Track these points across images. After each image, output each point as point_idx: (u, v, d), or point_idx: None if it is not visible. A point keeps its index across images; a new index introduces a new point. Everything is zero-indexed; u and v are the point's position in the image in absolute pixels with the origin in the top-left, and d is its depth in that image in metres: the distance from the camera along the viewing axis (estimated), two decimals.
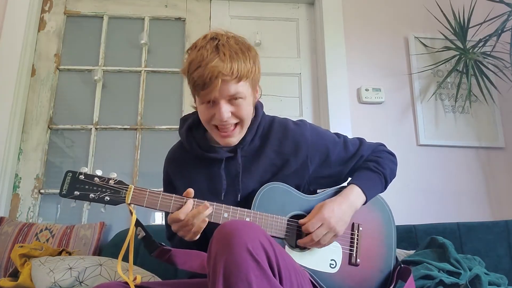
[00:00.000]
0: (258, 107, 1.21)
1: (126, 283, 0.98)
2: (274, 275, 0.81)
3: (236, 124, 1.09)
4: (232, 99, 1.06)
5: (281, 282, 0.83)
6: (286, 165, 1.16)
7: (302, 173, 1.17)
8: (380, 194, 1.25)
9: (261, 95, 1.19)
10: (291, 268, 0.89)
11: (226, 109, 1.05)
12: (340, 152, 1.22)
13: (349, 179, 1.24)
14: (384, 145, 1.31)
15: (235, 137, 1.11)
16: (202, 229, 1.01)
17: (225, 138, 1.10)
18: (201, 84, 1.02)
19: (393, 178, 1.27)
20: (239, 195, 1.13)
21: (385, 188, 1.24)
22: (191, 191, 1.02)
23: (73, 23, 2.36)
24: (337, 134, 1.26)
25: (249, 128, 1.16)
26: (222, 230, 0.83)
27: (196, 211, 0.99)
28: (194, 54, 1.06)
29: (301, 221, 1.09)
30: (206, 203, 1.02)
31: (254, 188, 1.12)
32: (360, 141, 1.27)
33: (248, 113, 1.11)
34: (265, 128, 1.19)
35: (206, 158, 1.15)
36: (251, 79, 1.09)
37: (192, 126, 1.20)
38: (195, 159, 1.17)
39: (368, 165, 1.22)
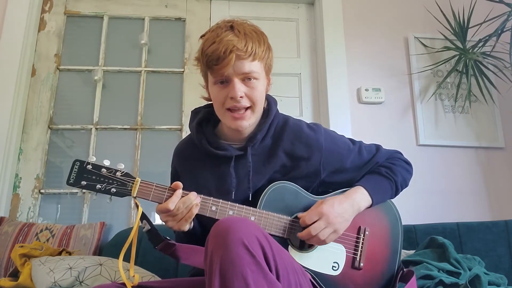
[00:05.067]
0: (271, 103, 1.18)
1: (124, 284, 0.98)
2: (271, 271, 0.81)
3: (247, 108, 1.08)
4: (246, 78, 1.06)
5: (278, 279, 0.82)
6: (297, 168, 1.14)
7: (313, 178, 1.16)
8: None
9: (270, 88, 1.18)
10: (289, 266, 0.88)
11: (239, 87, 1.05)
12: (354, 160, 1.20)
13: None
14: (401, 153, 1.29)
15: (247, 121, 1.09)
16: (193, 217, 1.01)
17: (237, 120, 1.08)
18: (215, 58, 1.03)
19: (405, 187, 1.25)
20: (250, 194, 1.12)
21: (395, 195, 1.22)
22: (179, 183, 1.02)
23: (73, 23, 2.36)
24: (352, 140, 1.24)
25: (261, 125, 1.14)
26: (218, 226, 0.83)
27: (187, 198, 1.00)
28: (209, 35, 1.08)
29: (299, 214, 1.08)
30: (193, 192, 1.02)
31: (262, 188, 1.11)
32: (377, 148, 1.25)
33: (261, 96, 1.10)
34: (278, 128, 1.17)
35: (215, 156, 1.13)
36: (265, 63, 1.11)
37: (202, 121, 1.18)
38: (204, 156, 1.15)
39: (380, 170, 1.20)
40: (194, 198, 1.01)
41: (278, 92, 2.33)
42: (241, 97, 1.05)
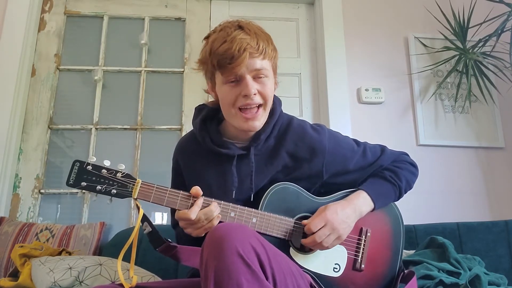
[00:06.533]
0: (276, 103, 1.18)
1: (122, 285, 0.97)
2: (267, 278, 0.80)
3: (259, 107, 1.08)
4: (257, 76, 1.06)
5: (275, 285, 0.82)
6: (299, 169, 1.14)
7: (315, 179, 1.16)
8: None
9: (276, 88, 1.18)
10: (287, 270, 0.88)
11: (252, 84, 1.05)
12: (358, 161, 1.19)
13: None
14: (407, 155, 1.28)
15: (259, 121, 1.09)
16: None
17: (250, 120, 1.07)
18: (229, 57, 1.02)
19: (409, 189, 1.24)
20: (252, 195, 1.11)
21: (398, 199, 1.22)
22: (199, 189, 1.01)
23: (73, 23, 2.36)
24: (356, 141, 1.23)
25: (265, 125, 1.13)
26: (213, 234, 0.82)
27: (208, 210, 0.99)
28: (217, 35, 1.07)
29: (304, 221, 1.08)
30: (214, 202, 1.01)
31: (264, 188, 1.11)
32: (382, 150, 1.24)
33: (271, 94, 1.10)
34: (282, 129, 1.17)
35: (218, 154, 1.12)
36: (273, 62, 1.12)
37: (206, 118, 1.17)
38: (207, 153, 1.15)
39: (385, 174, 1.19)
40: (215, 209, 1.00)
41: (278, 92, 2.30)
42: (254, 94, 1.05)
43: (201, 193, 1.01)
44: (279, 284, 0.83)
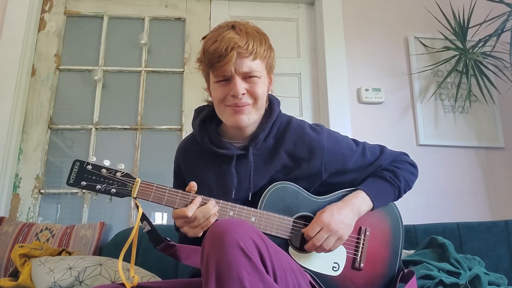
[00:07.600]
0: (274, 103, 1.19)
1: (123, 285, 0.98)
2: (268, 272, 0.81)
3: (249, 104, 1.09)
4: (247, 76, 1.07)
5: (275, 280, 0.82)
6: (298, 168, 1.14)
7: (314, 178, 1.16)
8: None
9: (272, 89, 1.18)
10: (287, 267, 0.88)
11: (240, 84, 1.06)
12: (357, 161, 1.19)
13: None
14: (407, 155, 1.28)
15: (246, 115, 1.09)
16: (211, 225, 1.00)
17: (237, 114, 1.08)
18: (217, 56, 1.04)
19: (409, 189, 1.24)
20: (250, 194, 1.12)
21: (398, 198, 1.22)
22: (194, 184, 1.01)
23: (73, 23, 2.36)
24: (355, 141, 1.23)
25: (263, 124, 1.14)
26: (214, 229, 0.83)
27: (205, 208, 0.99)
28: (211, 34, 1.10)
29: (303, 230, 1.08)
30: (212, 200, 1.02)
31: (263, 188, 1.11)
32: (381, 150, 1.24)
33: (263, 93, 1.10)
34: (281, 128, 1.17)
35: (217, 154, 1.13)
36: (266, 62, 1.11)
37: (205, 119, 1.19)
38: (206, 154, 1.16)
39: (384, 174, 1.19)
40: (213, 207, 1.01)
41: (278, 92, 2.30)
42: (243, 94, 1.06)
43: (195, 186, 1.02)
44: (279, 280, 0.83)
